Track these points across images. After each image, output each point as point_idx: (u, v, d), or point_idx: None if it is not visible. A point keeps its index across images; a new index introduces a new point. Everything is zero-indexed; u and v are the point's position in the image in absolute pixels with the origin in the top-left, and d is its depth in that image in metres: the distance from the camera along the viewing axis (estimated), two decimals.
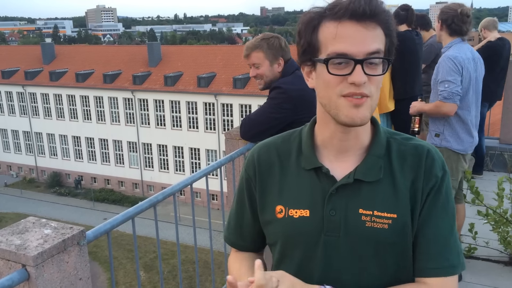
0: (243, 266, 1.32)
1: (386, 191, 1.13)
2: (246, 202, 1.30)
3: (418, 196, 1.13)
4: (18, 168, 46.39)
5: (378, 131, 1.19)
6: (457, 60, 3.24)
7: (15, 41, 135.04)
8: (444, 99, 3.24)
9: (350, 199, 1.14)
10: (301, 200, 1.18)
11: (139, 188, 41.54)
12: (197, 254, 2.71)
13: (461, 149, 3.38)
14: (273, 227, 1.22)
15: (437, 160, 1.15)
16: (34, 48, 48.34)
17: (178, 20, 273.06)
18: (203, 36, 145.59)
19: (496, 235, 3.67)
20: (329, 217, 1.14)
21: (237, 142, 3.06)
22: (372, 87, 1.07)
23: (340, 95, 1.07)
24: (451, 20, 3.35)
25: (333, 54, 1.06)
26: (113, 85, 40.17)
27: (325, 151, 1.20)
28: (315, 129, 1.22)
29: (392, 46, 1.11)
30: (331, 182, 1.15)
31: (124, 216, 1.92)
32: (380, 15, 1.06)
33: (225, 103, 36.85)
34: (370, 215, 1.12)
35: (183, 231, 27.29)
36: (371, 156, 1.16)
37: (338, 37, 1.06)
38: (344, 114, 1.08)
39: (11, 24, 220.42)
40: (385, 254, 1.13)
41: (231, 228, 1.38)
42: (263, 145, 1.29)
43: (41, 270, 1.45)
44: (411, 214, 1.13)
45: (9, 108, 45.32)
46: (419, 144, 1.18)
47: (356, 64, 1.04)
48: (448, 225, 1.15)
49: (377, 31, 1.07)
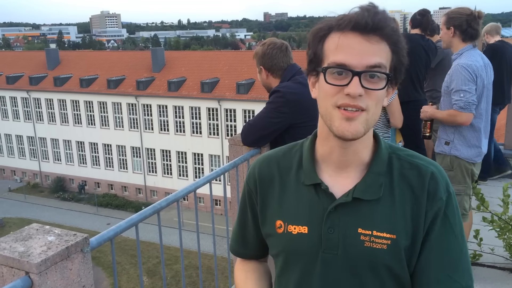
0: (249, 279, 1.33)
1: (386, 211, 1.11)
2: (248, 213, 1.31)
3: (420, 219, 1.11)
4: (22, 173, 46.52)
5: (380, 147, 1.17)
6: (471, 68, 3.17)
7: (19, 47, 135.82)
8: (461, 109, 3.18)
9: (349, 218, 1.12)
10: (300, 216, 1.17)
11: (142, 193, 41.58)
12: (200, 260, 2.70)
13: (470, 158, 3.33)
14: (274, 240, 1.22)
15: (441, 182, 1.12)
16: (38, 54, 48.61)
17: (182, 26, 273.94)
18: (206, 42, 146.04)
19: (502, 242, 3.65)
20: (327, 235, 1.13)
21: (241, 148, 3.05)
22: (370, 101, 1.05)
23: (335, 105, 1.06)
24: (467, 24, 3.23)
25: (332, 64, 1.06)
26: (117, 90, 40.31)
27: (325, 166, 1.18)
28: (316, 143, 1.21)
29: (400, 65, 1.10)
30: (330, 199, 1.14)
31: (128, 223, 1.91)
32: (384, 29, 1.05)
33: (228, 108, 36.90)
34: (369, 235, 1.10)
35: (186, 236, 27.28)
36: (371, 173, 1.13)
37: (339, 48, 1.06)
38: (335, 126, 1.07)
39: (16, 30, 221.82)
40: (383, 275, 1.11)
41: (235, 238, 1.39)
42: (264, 158, 1.29)
43: (44, 278, 1.44)
44: (413, 237, 1.11)
45: (14, 113, 45.52)
46: (422, 164, 1.15)
47: (354, 75, 1.03)
48: (457, 247, 1.13)
49: (380, 45, 1.05)
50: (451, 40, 3.34)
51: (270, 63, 2.98)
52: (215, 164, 38.29)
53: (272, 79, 3.02)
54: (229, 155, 3.10)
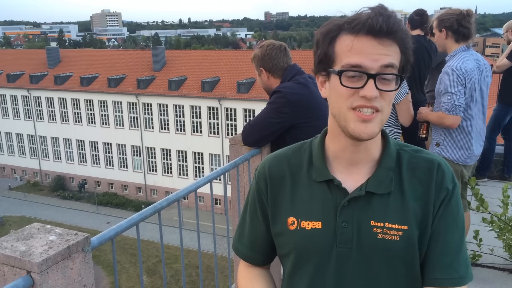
0: (256, 286, 1.33)
1: (397, 203, 1.14)
2: (258, 214, 1.31)
3: (429, 208, 1.14)
4: (22, 171, 46.54)
5: (388, 144, 1.21)
6: (460, 71, 3.17)
7: (20, 45, 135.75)
8: (447, 111, 3.19)
9: (362, 211, 1.15)
10: (313, 212, 1.19)
11: (142, 192, 41.59)
12: (200, 259, 2.71)
13: (460, 160, 3.34)
14: (285, 238, 1.23)
15: (447, 173, 1.17)
16: (39, 52, 48.62)
17: (183, 25, 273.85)
18: (207, 41, 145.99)
19: (501, 243, 3.65)
20: (341, 229, 1.15)
21: (241, 148, 3.05)
22: (384, 102, 1.09)
23: (350, 107, 1.09)
24: (457, 24, 3.23)
25: (347, 66, 1.08)
26: (117, 89, 40.31)
27: (336, 163, 1.21)
28: (325, 141, 1.23)
29: (407, 64, 1.12)
30: (343, 194, 1.16)
31: (128, 223, 1.91)
32: (397, 33, 1.07)
33: (229, 108, 36.90)
34: (381, 227, 1.13)
35: (186, 235, 27.30)
36: (382, 168, 1.17)
37: (354, 50, 1.07)
38: (351, 128, 1.09)
39: (16, 28, 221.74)
40: (397, 265, 1.14)
41: (244, 241, 1.37)
42: (274, 157, 1.30)
43: (45, 277, 1.45)
44: (423, 226, 1.14)
45: (14, 111, 45.54)
46: (429, 157, 1.19)
47: (369, 78, 1.06)
48: (458, 237, 1.16)
49: (393, 48, 1.08)
50: (444, 43, 3.35)
51: (271, 63, 2.99)
52: (215, 163, 38.30)
53: (273, 80, 3.02)
54: (230, 155, 3.11)
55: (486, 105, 3.44)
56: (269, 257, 1.37)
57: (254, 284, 1.34)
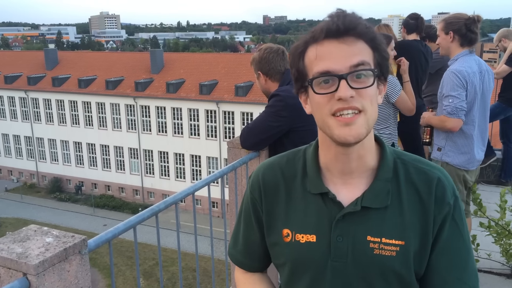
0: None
1: (394, 218, 1.12)
2: (253, 223, 1.29)
3: (429, 224, 1.12)
4: (19, 173, 46.40)
5: (385, 153, 1.17)
6: (462, 74, 3.15)
7: (18, 47, 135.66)
8: (448, 114, 3.18)
9: (358, 226, 1.12)
10: (308, 225, 1.16)
11: (139, 195, 41.49)
12: (198, 262, 2.70)
13: (462, 165, 3.32)
14: (280, 249, 1.21)
15: (448, 187, 1.14)
16: (37, 54, 48.56)
17: (181, 28, 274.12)
18: (205, 44, 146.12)
19: (498, 248, 3.65)
20: (336, 243, 1.13)
21: (239, 151, 3.05)
22: (364, 101, 1.05)
23: (330, 114, 1.06)
24: (466, 28, 3.20)
25: (316, 74, 1.07)
26: (115, 91, 40.27)
27: (329, 174, 1.18)
28: (319, 152, 1.21)
29: (384, 60, 1.10)
30: (338, 208, 1.14)
31: (126, 225, 1.91)
32: (357, 29, 1.05)
33: (226, 111, 36.90)
34: (378, 242, 1.10)
35: (183, 238, 27.23)
36: (378, 181, 1.13)
37: (319, 57, 1.07)
38: (336, 134, 1.07)
39: (14, 29, 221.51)
40: (392, 281, 1.12)
41: (239, 249, 1.35)
42: (268, 165, 1.28)
43: (42, 279, 1.44)
44: (422, 242, 1.12)
45: (11, 113, 45.42)
46: (428, 169, 1.16)
47: (340, 79, 1.04)
48: (465, 249, 1.15)
49: (358, 45, 1.06)
50: (449, 46, 3.32)
51: (268, 67, 2.99)
52: (213, 166, 38.27)
53: (271, 84, 3.03)
54: (228, 158, 3.11)
55: (488, 111, 3.42)
56: (265, 264, 1.36)
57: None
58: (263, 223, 1.25)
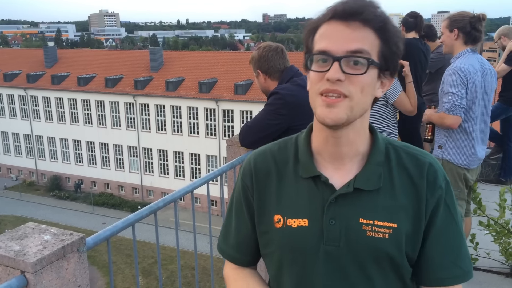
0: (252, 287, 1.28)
1: (386, 200, 1.12)
2: (244, 213, 1.27)
3: (421, 207, 1.12)
4: (18, 171, 46.38)
5: (377, 138, 1.17)
6: (462, 71, 3.15)
7: (17, 44, 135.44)
8: (447, 111, 3.18)
9: (350, 208, 1.12)
10: (300, 209, 1.16)
11: (138, 193, 41.50)
12: (197, 260, 2.70)
13: (462, 163, 3.31)
14: (271, 236, 1.20)
15: (439, 171, 1.15)
16: (36, 52, 48.49)
17: (181, 26, 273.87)
18: (205, 42, 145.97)
19: (498, 246, 3.66)
20: (329, 227, 1.12)
21: (239, 149, 3.05)
22: (352, 87, 1.05)
23: (318, 92, 1.07)
24: (471, 26, 3.20)
25: (315, 51, 1.08)
26: (114, 89, 40.25)
27: (321, 158, 1.17)
28: (311, 136, 1.21)
29: (391, 54, 1.08)
30: (330, 191, 1.13)
31: (124, 223, 1.90)
32: (363, 14, 1.04)
33: (226, 109, 36.89)
34: (371, 224, 1.10)
35: (182, 236, 27.21)
36: (370, 164, 1.14)
37: (322, 36, 1.08)
38: (317, 113, 1.08)
39: (14, 27, 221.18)
40: (385, 265, 1.12)
41: (230, 242, 1.32)
42: (260, 153, 1.27)
43: (40, 277, 1.44)
44: (414, 225, 1.12)
45: (11, 111, 45.39)
46: (419, 154, 1.17)
47: (334, 61, 1.04)
48: (458, 233, 1.16)
49: (363, 31, 1.05)
50: (453, 43, 3.30)
51: (267, 65, 2.99)
52: (212, 164, 38.27)
53: (270, 82, 3.02)
54: (227, 156, 3.10)
55: (489, 110, 3.40)
56: (256, 258, 1.33)
57: (250, 285, 1.29)
58: (254, 212, 1.24)
